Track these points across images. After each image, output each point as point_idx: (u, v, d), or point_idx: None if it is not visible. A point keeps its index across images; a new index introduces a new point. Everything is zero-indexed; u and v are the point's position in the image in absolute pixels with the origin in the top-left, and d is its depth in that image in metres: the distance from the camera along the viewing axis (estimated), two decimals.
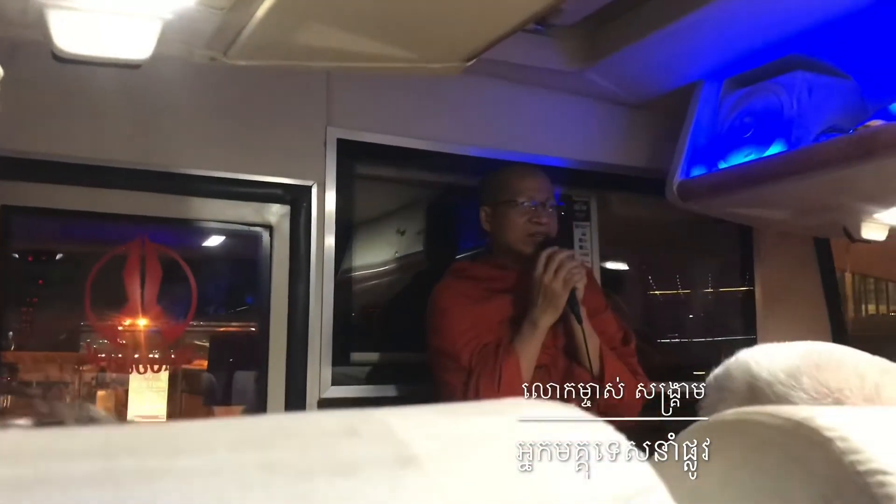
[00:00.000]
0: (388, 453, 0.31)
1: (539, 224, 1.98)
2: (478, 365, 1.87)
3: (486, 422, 0.36)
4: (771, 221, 2.35)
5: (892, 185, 1.87)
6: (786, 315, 2.66)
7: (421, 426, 0.33)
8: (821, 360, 0.74)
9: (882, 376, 0.73)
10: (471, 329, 1.91)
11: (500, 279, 2.03)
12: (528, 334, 1.88)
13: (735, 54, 2.09)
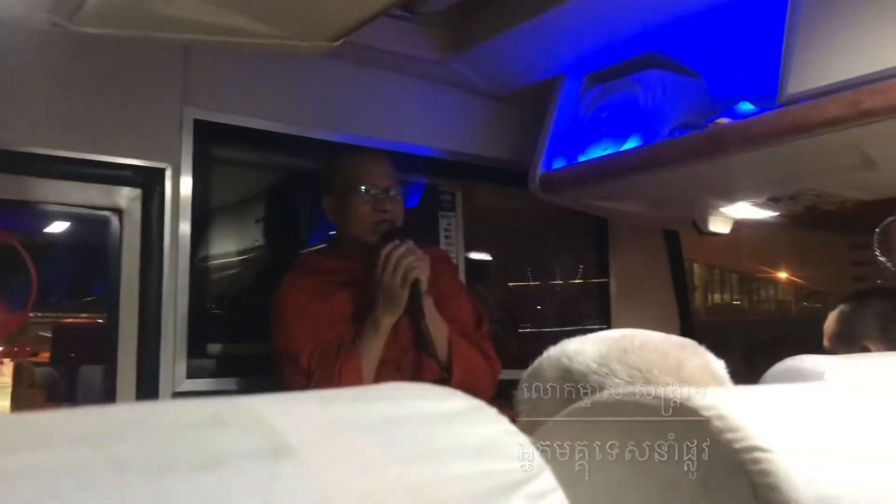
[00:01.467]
0: (261, 443, 0.28)
1: (383, 212, 1.95)
2: (317, 366, 1.83)
3: (364, 408, 0.33)
4: (626, 214, 2.44)
5: (737, 180, 1.98)
6: (638, 304, 2.78)
7: (294, 414, 0.30)
8: (625, 344, 0.78)
9: (680, 351, 0.78)
10: (310, 329, 1.87)
11: (345, 271, 1.99)
12: (371, 334, 1.86)
13: (595, 50, 2.16)
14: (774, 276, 6.61)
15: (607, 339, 0.82)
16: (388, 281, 1.83)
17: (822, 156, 1.77)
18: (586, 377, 0.78)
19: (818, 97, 1.63)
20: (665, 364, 0.76)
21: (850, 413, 0.44)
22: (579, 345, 0.82)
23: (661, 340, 0.80)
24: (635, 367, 0.76)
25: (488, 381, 1.99)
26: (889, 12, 1.55)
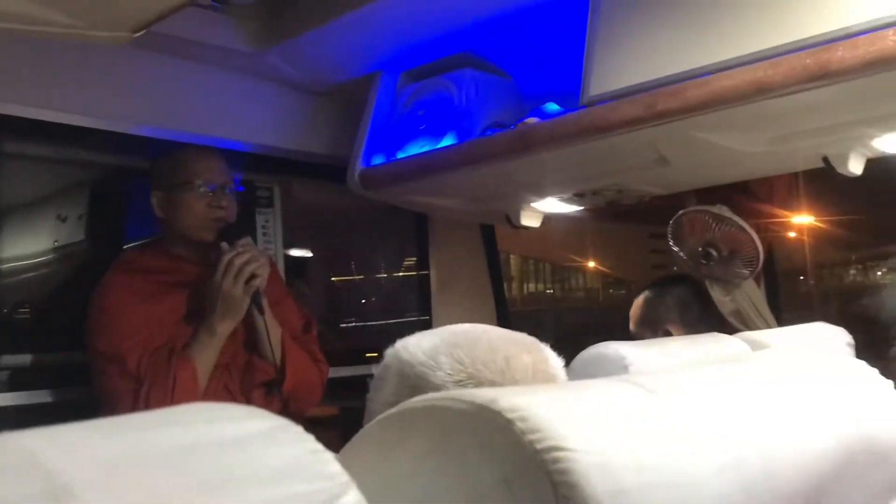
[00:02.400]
0: (34, 488, 0.25)
1: (220, 209, 1.89)
2: (148, 372, 1.74)
3: (153, 436, 0.31)
4: (443, 209, 2.49)
5: (545, 177, 2.07)
6: (457, 296, 2.84)
7: (74, 450, 0.28)
8: (458, 339, 0.80)
9: (510, 347, 0.80)
10: (140, 330, 1.77)
11: (177, 271, 1.90)
12: (206, 341, 1.79)
13: (410, 48, 2.18)
14: (583, 266, 7.00)
15: (447, 332, 0.83)
16: (230, 288, 1.76)
17: (622, 154, 1.89)
18: (413, 368, 0.79)
19: (617, 99, 1.74)
20: (492, 360, 0.78)
21: (648, 406, 0.47)
22: (418, 338, 0.84)
23: (497, 337, 0.82)
24: (460, 361, 0.77)
25: (318, 384, 2.00)
26: (680, 20, 1.67)
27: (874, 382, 0.66)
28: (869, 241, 6.78)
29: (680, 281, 2.25)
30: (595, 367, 1.44)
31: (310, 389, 1.95)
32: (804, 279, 5.92)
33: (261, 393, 1.90)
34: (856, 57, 1.41)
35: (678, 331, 2.14)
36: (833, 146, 1.78)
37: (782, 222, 3.25)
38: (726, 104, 1.58)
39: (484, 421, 0.41)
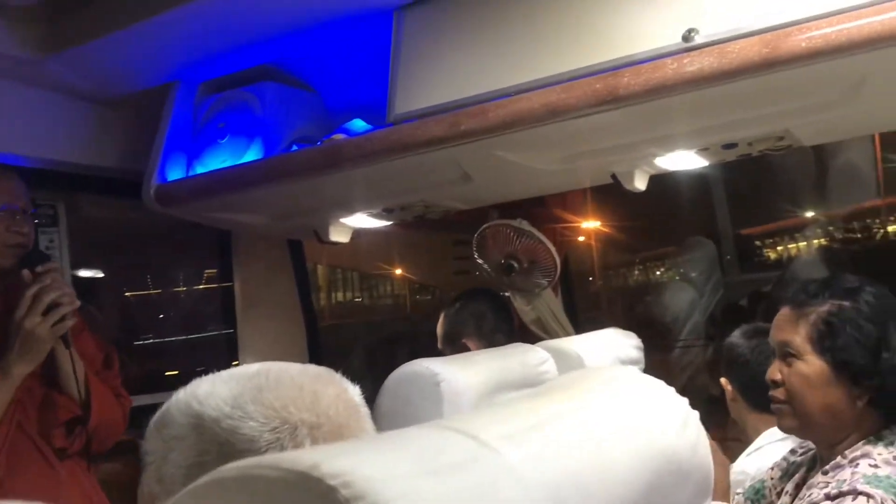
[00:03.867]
0: None
1: (20, 234, 1.73)
2: None
3: None
4: (247, 225, 2.41)
5: (354, 193, 2.06)
6: (265, 310, 2.77)
7: None
8: (261, 381, 0.75)
9: (314, 383, 0.76)
10: None
11: None
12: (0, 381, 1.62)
13: (208, 58, 2.09)
14: (391, 273, 7.07)
15: (241, 376, 0.77)
16: (34, 328, 1.59)
17: (428, 171, 1.92)
18: (219, 422, 0.73)
19: (423, 118, 1.76)
20: (301, 399, 0.74)
21: (474, 456, 0.47)
22: (210, 386, 0.76)
23: (297, 373, 0.78)
24: (271, 406, 0.72)
25: (121, 419, 1.89)
26: (482, 43, 1.73)
27: (672, 401, 0.71)
28: (648, 244, 7.38)
29: (475, 295, 2.33)
30: (408, 385, 1.45)
31: (113, 426, 1.84)
32: (593, 280, 6.33)
33: (62, 431, 1.76)
34: (640, 83, 1.52)
35: (474, 343, 2.21)
36: (621, 164, 1.91)
37: (575, 231, 3.45)
38: (524, 125, 1.65)
39: (305, 491, 0.39)
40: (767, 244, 8.13)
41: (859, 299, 1.39)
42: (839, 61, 1.39)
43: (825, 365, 1.39)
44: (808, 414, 1.43)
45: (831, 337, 1.39)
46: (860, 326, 1.37)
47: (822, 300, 1.43)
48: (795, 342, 1.43)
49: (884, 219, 7.30)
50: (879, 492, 1.24)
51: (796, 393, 1.43)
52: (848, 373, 1.38)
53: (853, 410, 1.38)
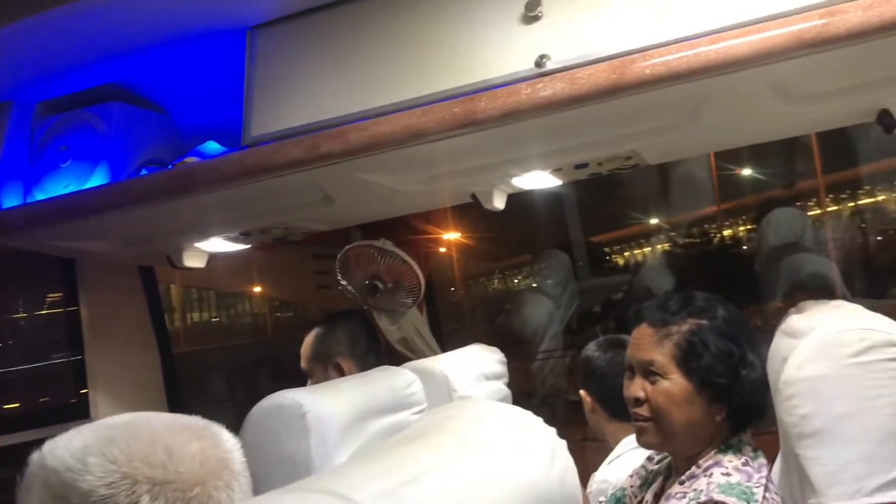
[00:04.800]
0: None
1: None
2: None
3: None
4: (94, 253, 2.27)
5: (209, 217, 1.99)
6: (115, 338, 2.62)
7: None
8: (114, 434, 0.72)
9: (176, 436, 0.73)
10: None
11: None
12: None
13: (46, 77, 1.96)
14: (250, 291, 6.87)
15: (101, 427, 0.73)
16: None
17: (287, 194, 1.88)
18: (59, 475, 0.69)
19: (280, 140, 1.72)
20: (153, 454, 0.70)
21: None
22: (69, 437, 0.73)
23: (162, 426, 0.73)
24: (115, 460, 0.69)
25: None
26: (340, 66, 1.71)
27: (540, 433, 0.72)
28: (507, 253, 7.57)
29: (348, 315, 2.30)
30: (273, 419, 1.41)
31: None
32: (455, 291, 6.42)
33: None
34: (496, 107, 1.55)
35: (348, 364, 2.19)
36: (480, 184, 1.94)
37: (438, 243, 3.49)
38: (385, 147, 1.65)
39: None
40: (616, 250, 8.53)
41: (716, 317, 1.47)
42: (680, 86, 1.46)
43: (689, 383, 1.45)
44: (673, 431, 1.47)
45: (695, 357, 1.44)
46: (720, 345, 1.44)
47: (682, 319, 1.48)
48: (659, 361, 1.47)
49: (720, 224, 7.82)
50: (732, 499, 1.31)
51: (662, 410, 1.47)
52: (710, 390, 1.44)
53: (712, 424, 1.45)
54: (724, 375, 1.42)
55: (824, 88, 1.59)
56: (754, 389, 1.44)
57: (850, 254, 5.47)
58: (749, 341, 1.47)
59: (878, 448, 1.22)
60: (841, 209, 7.47)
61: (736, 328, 1.47)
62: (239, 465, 0.76)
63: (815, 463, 1.26)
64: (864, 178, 7.13)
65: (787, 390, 1.30)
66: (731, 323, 1.47)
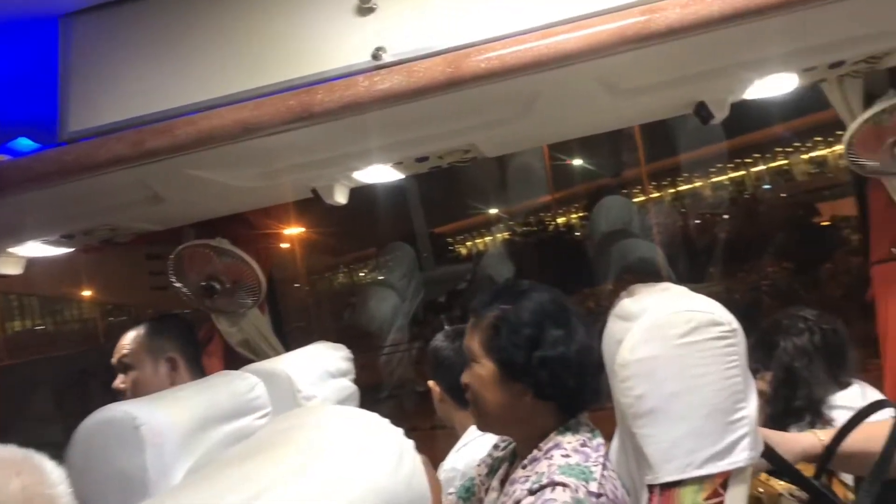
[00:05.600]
0: None
1: None
2: None
3: None
4: None
5: (25, 220, 1.83)
6: None
7: None
8: None
9: None
10: None
11: None
12: None
13: None
14: (78, 295, 6.44)
15: None
16: None
17: (112, 193, 1.76)
18: None
19: (101, 135, 1.61)
20: None
21: None
22: None
23: None
24: None
25: None
26: (166, 57, 1.61)
27: (387, 436, 0.70)
28: (351, 247, 7.52)
29: (178, 317, 2.21)
30: (104, 434, 1.32)
31: None
32: (299, 287, 6.31)
33: None
34: (333, 100, 1.52)
35: (181, 361, 2.11)
36: (320, 179, 1.90)
37: (279, 238, 3.40)
38: (216, 142, 1.57)
39: None
40: (458, 241, 8.70)
41: (521, 303, 1.52)
42: (515, 80, 1.49)
43: (494, 366, 1.51)
44: (488, 412, 1.54)
45: (496, 339, 1.51)
46: (518, 328, 1.49)
47: (494, 307, 1.54)
48: (474, 348, 1.55)
49: (554, 212, 8.14)
50: (572, 479, 1.35)
51: (476, 393, 1.54)
52: (509, 371, 1.49)
53: (524, 405, 1.50)
54: (518, 356, 1.48)
55: (647, 82, 1.67)
56: (556, 369, 1.48)
57: (672, 238, 5.84)
58: (558, 324, 1.51)
59: (705, 423, 1.30)
60: (663, 195, 7.98)
61: (539, 312, 1.51)
62: (66, 500, 0.69)
63: (650, 441, 1.33)
64: (683, 166, 7.64)
65: (622, 372, 1.36)
66: (536, 308, 1.52)
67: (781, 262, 6.43)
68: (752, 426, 1.31)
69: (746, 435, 1.30)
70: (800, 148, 8.08)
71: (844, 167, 2.09)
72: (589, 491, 1.35)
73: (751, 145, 7.88)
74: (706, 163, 7.78)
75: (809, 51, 1.66)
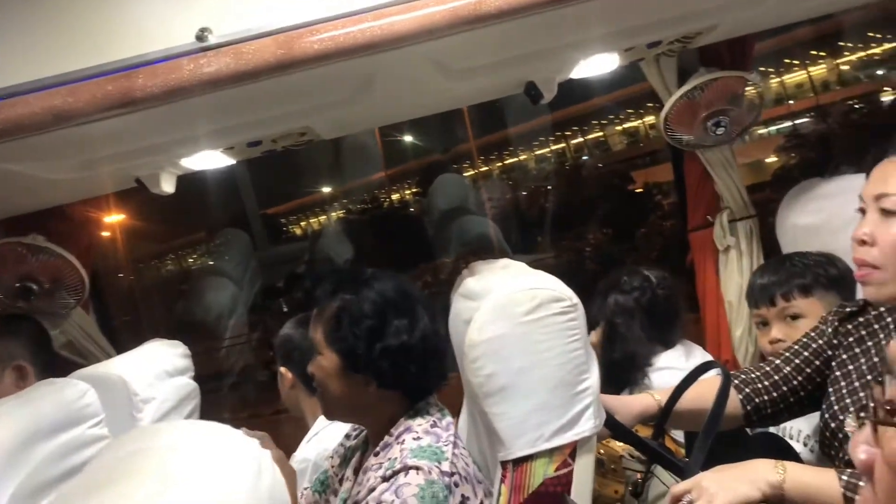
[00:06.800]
0: None
1: None
2: None
3: None
4: None
5: None
6: None
7: None
8: None
9: None
10: None
11: None
12: None
13: None
14: None
15: None
16: None
17: None
18: None
19: None
20: None
21: None
22: None
23: None
24: None
25: None
26: None
27: (242, 449, 0.67)
28: (181, 233, 7.18)
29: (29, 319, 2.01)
30: None
31: None
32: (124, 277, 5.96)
33: None
34: (156, 84, 1.42)
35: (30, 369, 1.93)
36: (144, 167, 1.79)
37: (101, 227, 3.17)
38: (23, 132, 1.44)
39: None
40: (292, 221, 8.53)
41: (363, 293, 1.50)
42: (350, 62, 1.46)
43: (336, 357, 1.49)
44: (333, 402, 1.53)
45: (338, 331, 1.48)
46: (359, 319, 1.47)
47: (335, 297, 1.52)
48: (317, 339, 1.52)
49: (388, 189, 8.15)
50: (424, 461, 1.36)
51: (322, 383, 1.52)
52: (352, 362, 1.48)
53: (369, 395, 1.49)
54: (360, 346, 1.47)
55: (479, 63, 1.69)
56: (399, 359, 1.47)
57: (504, 212, 6.01)
58: (400, 313, 1.50)
59: (552, 396, 1.34)
60: (492, 169, 8.19)
61: (381, 302, 1.50)
62: None
63: (502, 418, 1.36)
64: (510, 139, 7.87)
65: (471, 353, 1.38)
66: (378, 296, 1.50)
67: (602, 229, 6.78)
68: (595, 396, 1.37)
69: (591, 405, 1.36)
70: (614, 120, 8.52)
71: (655, 137, 2.22)
72: (441, 471, 1.36)
73: (570, 118, 8.22)
74: (531, 136, 8.05)
75: (629, 32, 1.74)
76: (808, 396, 1.52)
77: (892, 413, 0.58)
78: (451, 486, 1.36)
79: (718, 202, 2.31)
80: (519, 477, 1.35)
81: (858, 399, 1.39)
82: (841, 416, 1.41)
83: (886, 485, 0.58)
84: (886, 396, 0.59)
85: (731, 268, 2.30)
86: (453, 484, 1.37)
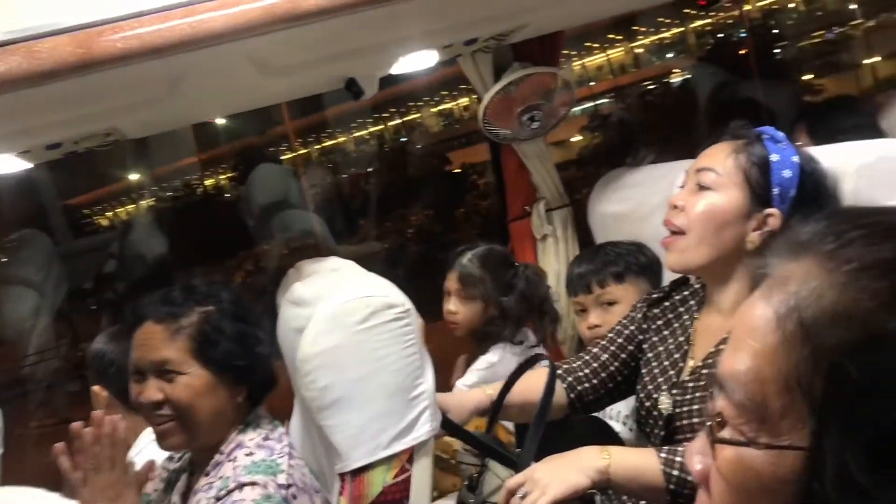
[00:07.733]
0: None
1: None
2: None
3: None
4: None
5: None
6: None
7: None
8: None
9: None
10: None
11: None
12: None
13: None
14: None
15: None
16: None
17: None
18: None
19: None
20: None
21: None
22: None
23: None
24: None
25: None
26: None
27: None
28: None
29: None
30: None
31: None
32: None
33: None
34: None
35: None
36: None
37: None
38: None
39: None
40: (97, 211, 7.94)
41: (222, 301, 1.43)
42: (158, 61, 1.37)
43: (209, 373, 1.40)
44: (199, 424, 1.42)
45: (212, 345, 1.40)
46: (234, 328, 1.42)
47: (190, 310, 1.42)
48: (174, 358, 1.40)
49: (202, 174, 7.79)
50: (260, 476, 1.31)
51: (186, 407, 1.40)
52: (230, 374, 1.42)
53: (234, 407, 1.44)
54: (243, 357, 1.42)
55: (298, 60, 1.64)
56: (268, 364, 1.47)
57: (326, 199, 5.93)
58: (254, 319, 1.48)
59: (389, 403, 1.34)
60: (310, 152, 8.05)
61: (244, 307, 1.47)
62: None
63: (338, 430, 1.34)
64: (328, 122, 7.76)
65: (304, 367, 1.35)
66: (239, 303, 1.46)
67: (423, 210, 6.87)
68: (430, 399, 1.39)
69: (426, 408, 1.37)
70: (429, 102, 8.61)
71: (469, 119, 2.28)
72: (278, 484, 1.32)
73: (388, 100, 8.23)
74: (349, 119, 7.98)
75: (446, 30, 1.76)
76: (625, 381, 1.62)
77: (722, 426, 0.62)
78: (289, 497, 1.33)
79: (535, 192, 2.39)
80: (357, 487, 1.35)
81: (668, 378, 1.50)
82: (655, 394, 1.50)
83: (720, 494, 0.62)
84: (716, 409, 0.63)
85: (549, 254, 2.40)
86: (291, 496, 1.33)
